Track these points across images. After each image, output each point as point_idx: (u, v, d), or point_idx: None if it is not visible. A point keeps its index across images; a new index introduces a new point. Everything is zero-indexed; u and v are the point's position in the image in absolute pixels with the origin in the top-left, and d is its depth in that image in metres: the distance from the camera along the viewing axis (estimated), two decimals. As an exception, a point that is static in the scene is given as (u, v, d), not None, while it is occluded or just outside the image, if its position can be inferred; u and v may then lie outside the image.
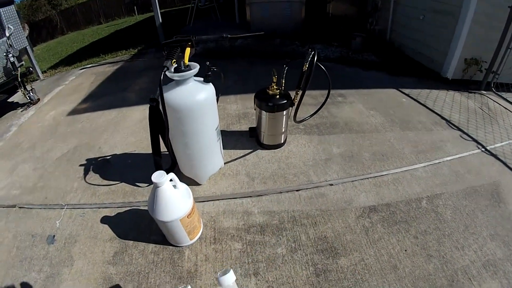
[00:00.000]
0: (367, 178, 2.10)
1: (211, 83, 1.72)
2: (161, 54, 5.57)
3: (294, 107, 2.04)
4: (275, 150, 2.32)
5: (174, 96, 1.57)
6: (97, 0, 14.94)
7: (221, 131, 2.55)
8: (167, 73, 1.51)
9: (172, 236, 1.55)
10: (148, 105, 1.70)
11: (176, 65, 1.56)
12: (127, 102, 3.33)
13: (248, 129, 2.56)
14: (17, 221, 1.94)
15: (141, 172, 2.14)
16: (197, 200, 1.92)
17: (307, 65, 1.81)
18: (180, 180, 1.55)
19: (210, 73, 1.65)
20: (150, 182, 2.02)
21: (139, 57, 5.14)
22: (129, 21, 12.04)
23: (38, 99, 3.73)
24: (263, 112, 2.07)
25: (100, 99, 3.55)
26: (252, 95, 2.11)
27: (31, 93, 3.60)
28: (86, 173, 2.22)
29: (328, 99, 1.94)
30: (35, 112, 3.41)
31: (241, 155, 2.28)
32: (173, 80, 1.61)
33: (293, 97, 2.03)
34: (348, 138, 2.52)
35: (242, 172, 2.11)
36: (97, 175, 2.19)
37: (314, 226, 1.75)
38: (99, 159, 2.36)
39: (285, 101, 2.00)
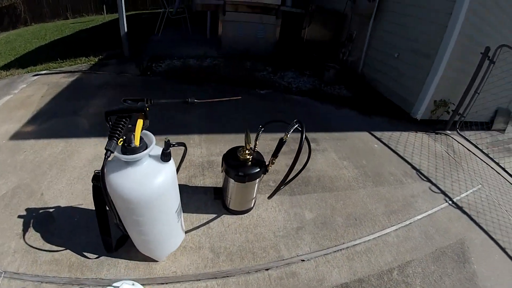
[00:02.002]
0: (340, 250, 2.17)
1: (171, 159, 1.56)
2: (123, 68, 5.24)
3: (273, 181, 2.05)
4: (243, 215, 2.30)
5: (123, 182, 1.38)
6: None
7: (181, 185, 2.50)
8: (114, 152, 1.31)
9: None
10: (102, 144, 1.52)
11: (124, 143, 1.34)
12: (78, 130, 3.13)
13: (213, 185, 2.54)
14: None
15: (89, 237, 1.99)
16: (155, 281, 1.84)
17: (287, 135, 1.82)
18: (135, 254, 1.42)
19: (169, 150, 1.49)
20: (100, 252, 1.94)
21: (99, 69, 4.94)
22: (96, 20, 11.64)
23: None
24: (231, 180, 2.04)
25: (49, 121, 3.31)
26: (220, 136, 2.08)
27: None
28: (25, 229, 2.03)
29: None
30: None
31: (205, 221, 2.24)
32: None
33: (267, 163, 2.02)
34: (321, 199, 2.61)
35: (205, 246, 2.07)
36: (38, 234, 2.02)
37: (284, 316, 1.76)
38: (40, 211, 2.17)
39: (258, 169, 1.99)
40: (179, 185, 1.83)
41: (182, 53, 5.69)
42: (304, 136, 1.77)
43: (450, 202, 2.94)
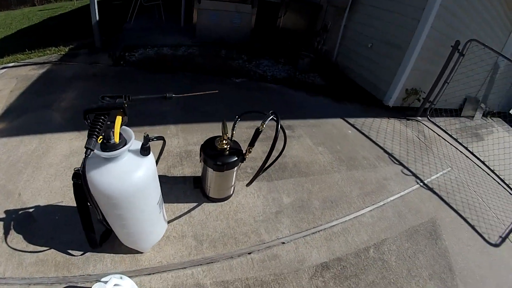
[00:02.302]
0: (318, 231, 2.25)
1: (150, 153, 1.55)
2: (94, 58, 4.96)
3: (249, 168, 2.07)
4: (223, 202, 2.32)
5: (103, 178, 1.36)
6: None
7: (161, 176, 2.47)
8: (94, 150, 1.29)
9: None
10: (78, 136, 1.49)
11: (103, 140, 1.32)
12: (51, 126, 2.95)
13: (192, 174, 2.53)
14: None
15: (72, 234, 1.92)
16: (141, 272, 1.82)
17: (263, 126, 1.84)
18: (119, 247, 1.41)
19: (148, 145, 1.47)
20: (84, 248, 1.89)
21: (70, 60, 4.66)
22: (65, 7, 10.91)
23: None
24: (210, 169, 2.05)
25: (21, 118, 3.09)
26: (196, 126, 2.05)
27: None
28: (6, 232, 1.92)
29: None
30: None
31: (186, 210, 2.24)
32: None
33: (244, 151, 2.04)
34: (298, 184, 2.67)
35: (188, 234, 2.07)
36: (20, 236, 1.92)
37: (268, 295, 1.81)
38: (20, 211, 2.07)
39: (236, 158, 2.01)
40: (159, 176, 1.81)
41: (156, 41, 5.51)
42: (279, 126, 1.81)
43: (421, 183, 3.11)
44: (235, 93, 4.24)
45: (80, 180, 1.42)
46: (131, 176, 1.40)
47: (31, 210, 2.12)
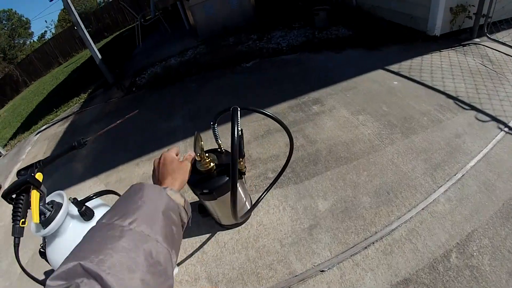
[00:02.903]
0: (372, 243, 1.61)
1: (99, 215, 1.25)
2: (109, 94, 5.21)
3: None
4: (240, 228, 1.83)
5: (54, 256, 1.17)
6: (50, 42, 15.18)
7: None
8: (32, 230, 1.11)
9: None
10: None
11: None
12: (75, 177, 2.96)
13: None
14: None
15: None
16: None
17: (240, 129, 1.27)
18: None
19: (83, 209, 1.18)
20: None
21: (88, 104, 4.88)
22: (85, 55, 11.83)
23: (0, 187, 3.53)
24: (206, 201, 1.56)
25: (51, 177, 3.23)
26: (207, 134, 1.66)
27: None
28: None
29: (301, 112, 1.37)
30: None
31: (198, 245, 1.82)
32: None
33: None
34: (338, 177, 2.02)
35: (202, 276, 1.66)
36: None
37: None
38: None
39: (227, 178, 1.46)
40: None
41: (162, 55, 5.41)
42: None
43: (506, 129, 2.16)
44: (246, 80, 3.70)
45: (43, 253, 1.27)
46: None
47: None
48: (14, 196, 1.09)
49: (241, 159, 1.45)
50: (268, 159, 2.29)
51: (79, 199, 1.19)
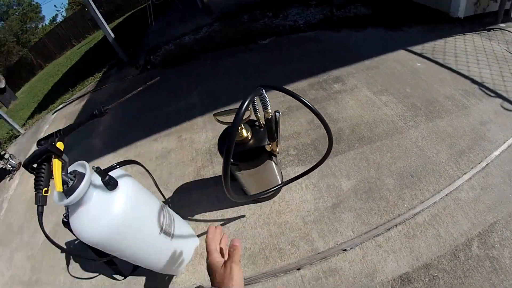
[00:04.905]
0: (395, 226, 1.57)
1: (123, 185, 1.20)
2: (124, 73, 5.14)
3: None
4: (262, 203, 1.79)
5: (79, 225, 1.12)
6: (61, 25, 14.89)
7: (190, 182, 2.15)
8: (55, 199, 1.08)
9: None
10: None
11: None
12: (93, 153, 2.91)
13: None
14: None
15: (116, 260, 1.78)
16: None
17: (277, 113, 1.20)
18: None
19: (107, 179, 1.12)
20: (125, 274, 1.76)
21: (104, 83, 4.79)
22: (98, 36, 11.51)
23: (20, 163, 3.63)
24: (235, 171, 1.50)
25: (70, 152, 3.20)
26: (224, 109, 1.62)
27: (10, 160, 3.50)
28: (68, 262, 1.97)
29: (321, 90, 1.30)
30: (19, 180, 3.23)
31: (220, 218, 1.79)
32: None
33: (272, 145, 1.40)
34: (361, 157, 1.95)
35: (223, 249, 1.64)
36: (77, 264, 1.93)
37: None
38: (76, 241, 2.06)
39: (258, 153, 1.38)
40: (188, 183, 1.45)
41: (176, 33, 5.14)
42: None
43: None
44: (263, 57, 3.52)
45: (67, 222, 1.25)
46: (104, 217, 1.13)
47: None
48: (35, 166, 1.05)
49: (270, 142, 1.36)
50: (289, 136, 2.21)
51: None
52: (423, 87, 2.43)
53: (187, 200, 1.99)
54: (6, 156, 3.48)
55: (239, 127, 1.38)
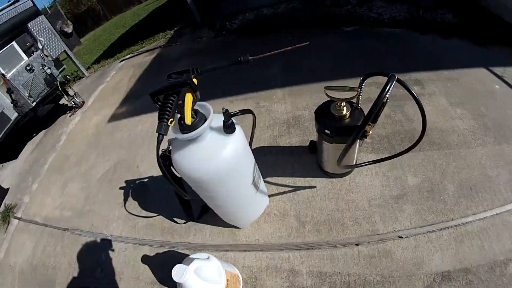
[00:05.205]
0: (447, 228, 1.81)
1: (237, 131, 1.32)
2: (198, 34, 5.27)
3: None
4: (333, 179, 2.03)
5: (185, 161, 1.25)
6: None
7: (266, 147, 2.36)
8: (171, 132, 1.17)
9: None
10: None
11: (180, 120, 1.18)
12: None
13: (300, 144, 2.28)
14: (70, 247, 2.07)
15: (179, 204, 2.04)
16: (237, 248, 1.85)
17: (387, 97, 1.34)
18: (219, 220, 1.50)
19: (230, 121, 1.23)
20: (187, 218, 2.01)
21: (176, 41, 4.90)
22: None
23: (83, 102, 3.96)
24: (325, 142, 1.71)
25: (138, 100, 3.54)
26: (305, 87, 1.81)
27: (75, 98, 3.81)
28: (126, 199, 2.24)
29: (401, 89, 1.45)
30: (80, 117, 3.59)
31: (291, 185, 2.05)
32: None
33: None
34: (429, 159, 2.14)
35: (291, 213, 1.92)
36: (136, 202, 2.21)
37: (371, 298, 1.61)
38: (137, 181, 2.33)
39: (352, 129, 1.57)
40: (263, 147, 1.63)
41: (254, 3, 5.02)
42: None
43: None
44: (346, 44, 3.50)
45: (168, 161, 1.39)
46: (216, 158, 1.24)
47: (146, 180, 2.36)
48: (162, 96, 1.12)
49: (371, 124, 1.52)
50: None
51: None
52: (498, 110, 2.48)
53: (262, 162, 2.17)
54: (71, 93, 3.80)
55: (341, 105, 1.57)
